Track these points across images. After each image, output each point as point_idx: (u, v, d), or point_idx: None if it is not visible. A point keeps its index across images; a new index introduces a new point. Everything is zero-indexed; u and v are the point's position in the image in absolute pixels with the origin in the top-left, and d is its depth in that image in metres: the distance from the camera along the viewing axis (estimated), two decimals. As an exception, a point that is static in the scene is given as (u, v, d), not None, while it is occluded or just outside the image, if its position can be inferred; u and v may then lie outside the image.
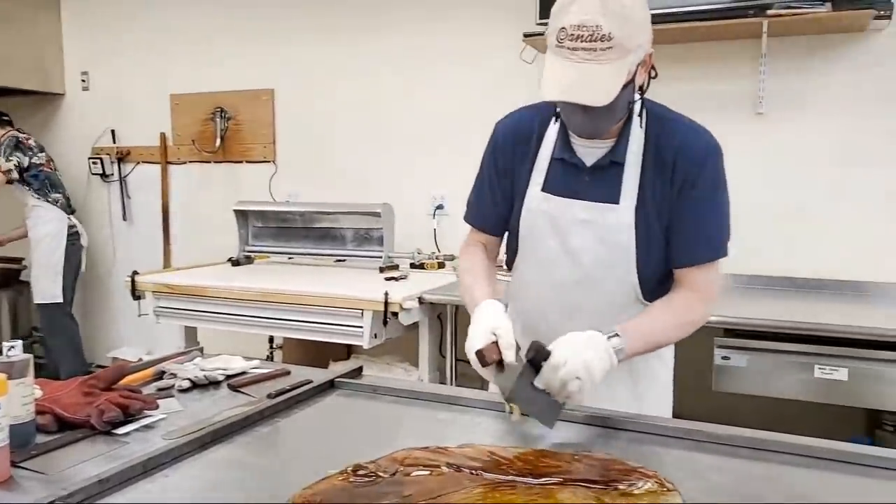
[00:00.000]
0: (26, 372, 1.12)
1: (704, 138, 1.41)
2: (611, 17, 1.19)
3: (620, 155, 1.39)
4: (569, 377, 1.18)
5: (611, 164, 1.40)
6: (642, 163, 1.39)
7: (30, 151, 4.12)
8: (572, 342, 1.23)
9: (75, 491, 0.95)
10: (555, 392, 1.21)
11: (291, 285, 2.98)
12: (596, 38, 1.19)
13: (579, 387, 1.19)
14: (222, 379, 1.56)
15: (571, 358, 1.19)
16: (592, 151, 1.41)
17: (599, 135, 1.37)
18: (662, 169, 1.38)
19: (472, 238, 1.63)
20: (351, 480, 1.02)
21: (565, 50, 1.22)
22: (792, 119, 2.97)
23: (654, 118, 1.42)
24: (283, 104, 4.07)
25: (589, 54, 1.20)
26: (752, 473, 1.09)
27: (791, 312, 2.45)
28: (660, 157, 1.38)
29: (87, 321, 4.57)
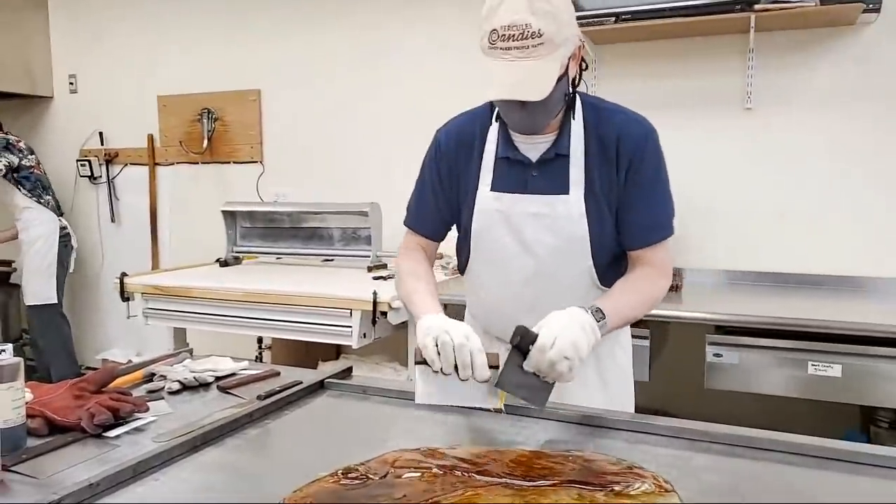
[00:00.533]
0: (17, 375, 1.13)
1: (641, 124, 1.45)
2: (539, 14, 1.23)
3: (564, 147, 1.43)
4: (558, 357, 1.19)
5: (556, 156, 1.44)
6: (585, 152, 1.43)
7: (20, 153, 4.11)
8: (557, 321, 1.24)
9: (66, 495, 0.95)
10: (544, 373, 1.22)
11: (280, 285, 2.98)
12: (527, 35, 1.24)
13: (569, 366, 1.21)
14: (212, 381, 1.57)
15: (559, 337, 1.20)
16: (535, 147, 1.45)
17: (539, 129, 1.42)
18: (605, 157, 1.43)
19: (411, 242, 1.65)
20: (342, 483, 1.02)
21: (498, 50, 1.26)
22: (781, 114, 2.98)
23: (590, 108, 1.46)
24: (270, 104, 4.06)
25: (521, 52, 1.25)
26: (746, 472, 1.09)
27: (783, 309, 2.45)
28: (601, 146, 1.43)
29: (77, 323, 4.55)
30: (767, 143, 3.00)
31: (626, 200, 1.44)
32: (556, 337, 1.21)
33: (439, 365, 1.23)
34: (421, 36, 3.62)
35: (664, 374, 2.63)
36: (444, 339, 1.24)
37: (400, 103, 3.68)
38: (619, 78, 3.20)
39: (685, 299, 2.71)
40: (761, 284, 2.98)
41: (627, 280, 1.46)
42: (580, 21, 2.81)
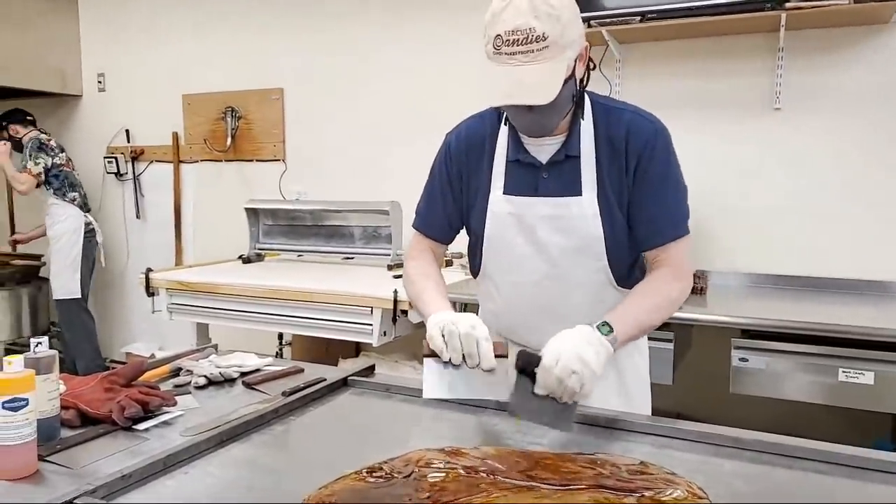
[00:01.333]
0: (52, 368, 1.15)
1: (650, 122, 1.44)
2: (542, 18, 1.23)
3: (574, 148, 1.42)
4: (565, 374, 1.19)
5: (566, 158, 1.43)
6: (596, 153, 1.43)
7: (52, 152, 4.21)
8: (560, 339, 1.24)
9: (100, 486, 0.97)
10: (556, 392, 1.21)
11: (302, 283, 3.00)
12: (531, 39, 1.24)
13: (579, 381, 1.19)
14: (237, 376, 1.59)
15: (563, 354, 1.20)
16: (545, 149, 1.45)
17: (548, 132, 1.41)
18: (615, 156, 1.42)
19: (419, 244, 1.65)
20: (367, 481, 1.03)
21: (503, 56, 1.27)
22: (810, 115, 2.92)
23: (600, 108, 1.45)
24: (293, 103, 4.10)
25: (527, 56, 1.25)
26: (777, 480, 1.07)
27: (812, 313, 2.41)
28: (611, 145, 1.42)
29: (101, 317, 4.62)
30: (796, 143, 2.95)
31: (636, 200, 1.43)
32: (560, 353, 1.20)
33: (447, 355, 1.25)
34: (445, 36, 3.62)
35: (688, 378, 2.61)
36: (451, 328, 1.25)
37: (422, 102, 3.69)
38: (644, 78, 3.18)
39: (710, 302, 2.69)
40: (788, 288, 2.93)
41: (641, 285, 1.45)
42: (605, 20, 2.85)
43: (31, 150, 4.12)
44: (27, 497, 0.99)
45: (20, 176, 4.07)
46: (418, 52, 3.70)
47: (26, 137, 4.23)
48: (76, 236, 4.20)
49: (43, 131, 4.33)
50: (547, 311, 1.38)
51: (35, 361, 1.12)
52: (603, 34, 2.95)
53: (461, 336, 1.24)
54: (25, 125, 4.28)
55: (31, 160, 4.09)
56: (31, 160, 4.09)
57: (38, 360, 1.12)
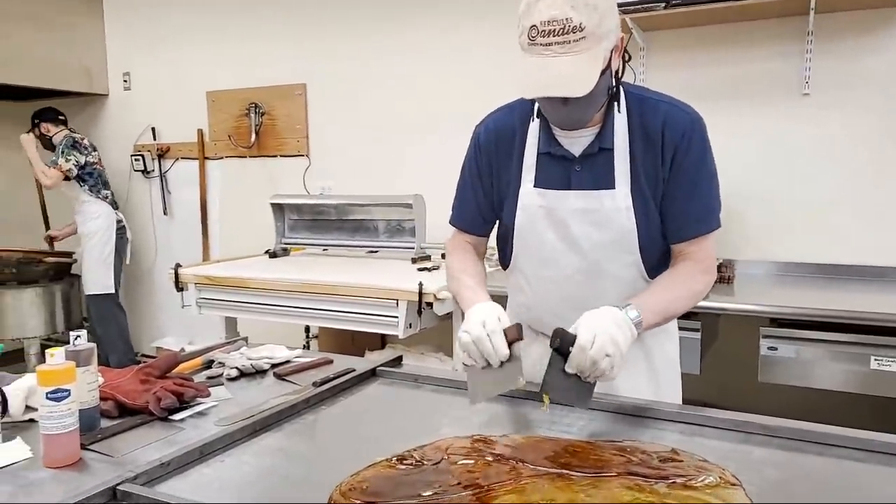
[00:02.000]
0: (91, 360, 1.18)
1: (686, 113, 1.42)
2: (580, 8, 1.22)
3: (608, 140, 1.41)
4: (599, 355, 1.20)
5: (599, 150, 1.42)
6: (630, 145, 1.41)
7: (84, 150, 4.27)
8: (594, 320, 1.24)
9: (140, 473, 1.00)
10: (587, 372, 1.22)
11: (328, 276, 3.03)
12: (568, 30, 1.22)
13: (610, 364, 1.21)
14: (268, 368, 1.62)
15: (599, 335, 1.21)
16: (578, 141, 1.43)
17: (583, 125, 1.40)
18: (650, 148, 1.40)
19: (458, 240, 1.65)
20: (397, 468, 1.05)
21: (539, 47, 1.25)
22: (840, 100, 2.87)
23: (634, 99, 1.44)
24: (315, 99, 4.12)
25: (563, 47, 1.23)
26: (809, 467, 1.07)
27: (842, 301, 2.38)
28: (646, 137, 1.41)
29: (130, 313, 4.69)
30: (826, 129, 2.90)
31: (670, 192, 1.41)
32: (596, 335, 1.21)
33: (471, 362, 1.28)
34: (467, 28, 3.62)
35: (716, 367, 2.60)
36: (464, 339, 1.29)
37: (444, 95, 3.69)
38: (668, 66, 3.15)
39: (737, 291, 2.66)
40: (817, 276, 2.89)
41: (667, 274, 1.45)
42: (628, 7, 2.83)
43: (64, 147, 4.18)
44: (73, 484, 1.02)
45: (48, 170, 4.13)
46: (442, 44, 3.70)
47: (58, 136, 4.29)
48: (109, 233, 4.28)
49: (73, 131, 4.40)
50: (579, 304, 1.38)
51: (75, 354, 1.15)
52: (626, 21, 2.93)
53: (473, 341, 1.27)
54: (56, 124, 4.35)
55: (62, 157, 4.15)
56: (62, 157, 4.15)
57: (78, 352, 1.16)
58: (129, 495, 0.95)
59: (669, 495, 0.94)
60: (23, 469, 1.08)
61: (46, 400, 1.06)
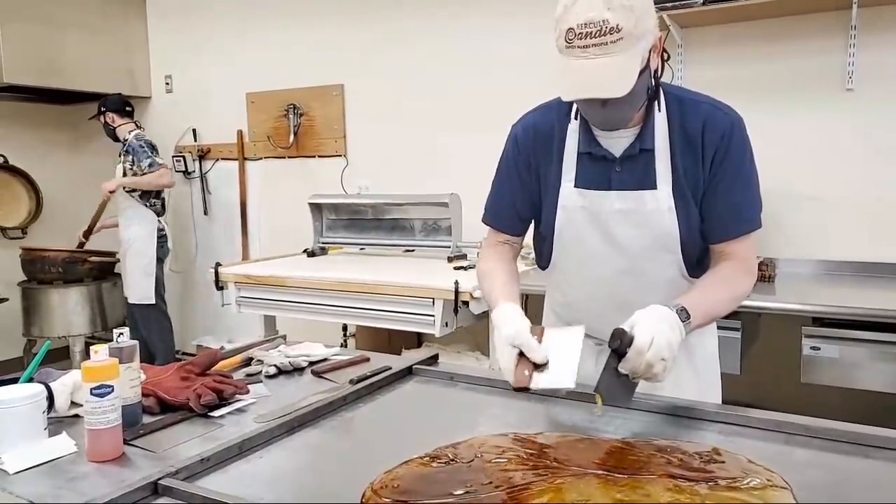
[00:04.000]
0: (133, 357, 1.21)
1: (727, 114, 1.40)
2: (616, 9, 1.20)
3: (648, 141, 1.40)
4: (655, 359, 1.18)
5: (640, 151, 1.40)
6: (670, 146, 1.40)
7: (157, 153, 4.23)
8: (652, 322, 1.22)
9: (181, 468, 1.03)
10: (640, 374, 1.20)
11: (365, 275, 3.05)
12: (605, 31, 1.21)
13: (664, 367, 1.19)
14: (306, 365, 1.64)
15: (657, 338, 1.19)
16: (618, 142, 1.42)
17: (623, 125, 1.38)
18: (691, 149, 1.39)
19: (492, 239, 1.64)
20: (430, 465, 1.05)
21: (576, 49, 1.23)
22: (885, 95, 2.80)
23: (674, 100, 1.42)
24: (353, 99, 4.15)
25: (600, 49, 1.22)
26: (854, 469, 1.05)
27: (885, 300, 2.32)
28: (686, 138, 1.39)
29: (171, 311, 4.78)
30: (869, 125, 2.83)
31: (711, 192, 1.40)
32: (654, 337, 1.19)
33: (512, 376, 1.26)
34: (504, 28, 3.61)
35: (756, 368, 2.55)
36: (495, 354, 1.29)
37: (481, 94, 3.69)
38: (707, 62, 3.10)
39: (779, 290, 2.61)
40: (859, 275, 2.83)
41: (712, 275, 1.42)
42: (666, 4, 2.79)
43: (147, 149, 4.14)
44: (115, 477, 1.04)
45: (155, 172, 4.09)
46: (479, 43, 3.69)
47: (123, 129, 4.24)
48: (150, 240, 4.23)
49: (139, 125, 4.36)
50: (620, 305, 1.36)
51: (118, 351, 1.18)
52: (664, 18, 2.89)
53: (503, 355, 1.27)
54: (122, 115, 4.29)
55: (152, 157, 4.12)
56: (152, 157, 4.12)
57: (121, 349, 1.19)
58: (171, 490, 0.97)
59: (710, 496, 0.92)
60: (68, 463, 1.11)
61: (91, 396, 1.08)
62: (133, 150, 4.17)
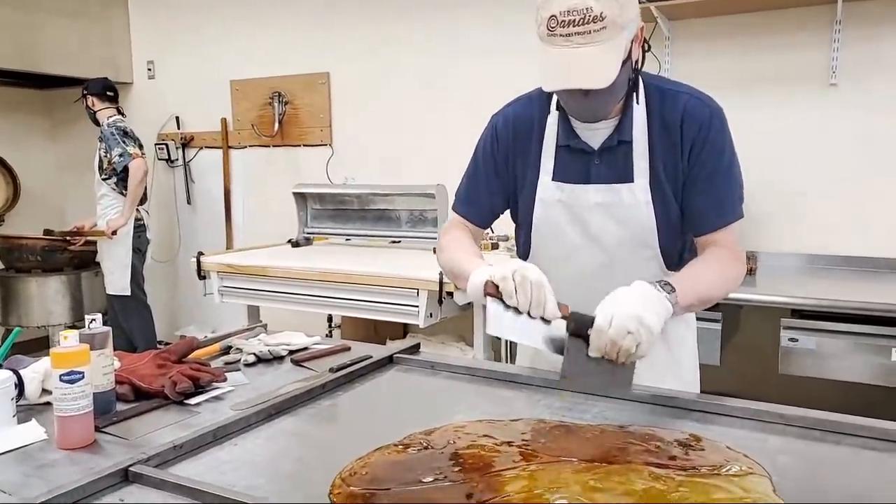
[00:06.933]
0: (106, 343, 1.19)
1: (706, 104, 1.40)
2: None
3: (627, 133, 1.39)
4: (619, 335, 1.15)
5: (619, 143, 1.39)
6: (649, 137, 1.39)
7: (133, 143, 4.09)
8: (614, 299, 1.19)
9: (153, 455, 1.01)
10: (610, 355, 1.17)
11: (350, 265, 3.04)
12: (588, 20, 1.19)
13: (634, 340, 1.15)
14: (285, 354, 1.62)
15: (617, 314, 1.16)
16: (597, 134, 1.41)
17: (603, 116, 1.38)
18: (670, 140, 1.38)
19: (457, 222, 1.61)
20: (404, 453, 1.04)
21: (558, 38, 1.22)
22: (868, 90, 2.82)
23: (654, 91, 1.41)
24: (339, 88, 4.13)
25: (584, 38, 1.20)
26: (823, 456, 1.05)
27: (865, 293, 2.36)
28: (665, 129, 1.38)
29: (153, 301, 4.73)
30: (852, 120, 2.86)
31: (691, 184, 1.39)
32: (613, 315, 1.16)
33: (516, 300, 1.21)
34: (490, 18, 3.59)
35: (735, 359, 2.57)
36: (524, 274, 1.21)
37: (467, 86, 3.68)
38: (694, 55, 3.10)
39: (759, 283, 2.64)
40: (840, 268, 2.87)
41: (702, 259, 1.41)
42: (654, -3, 2.79)
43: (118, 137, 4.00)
44: (86, 464, 1.03)
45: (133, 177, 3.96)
46: (466, 33, 3.68)
47: (103, 114, 4.14)
48: (126, 230, 4.09)
49: (120, 111, 4.25)
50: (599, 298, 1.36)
51: (90, 337, 1.16)
52: (651, 10, 2.89)
53: (532, 282, 1.21)
54: (103, 100, 4.17)
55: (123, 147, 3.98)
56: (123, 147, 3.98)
57: (93, 335, 1.16)
58: (141, 477, 0.96)
59: (685, 483, 0.92)
60: (38, 450, 1.09)
61: (60, 382, 1.06)
62: (105, 138, 4.06)
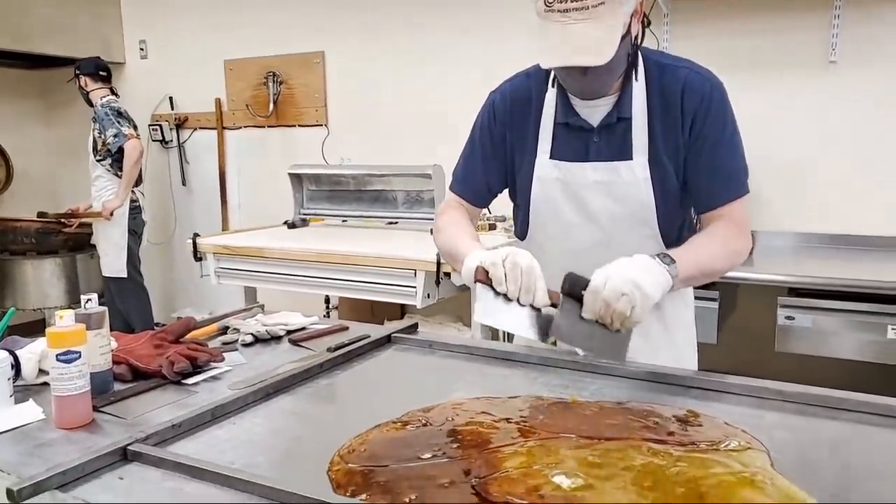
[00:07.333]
0: (103, 323, 1.18)
1: (706, 77, 1.38)
2: None
3: (626, 109, 1.37)
4: (613, 297, 1.13)
5: (618, 120, 1.38)
6: (649, 113, 1.37)
7: (128, 123, 4.06)
8: (613, 264, 1.19)
9: (151, 434, 1.01)
10: (604, 317, 1.16)
11: (347, 246, 3.03)
12: None
13: (629, 303, 1.14)
14: (283, 334, 1.62)
15: (613, 275, 1.15)
16: (596, 111, 1.39)
17: (602, 93, 1.36)
18: (670, 116, 1.36)
19: (454, 202, 1.59)
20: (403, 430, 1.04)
21: (556, 13, 1.20)
22: (868, 68, 2.80)
23: (654, 66, 1.39)
24: (334, 67, 4.09)
25: (581, 13, 1.18)
26: (820, 431, 1.06)
27: (862, 271, 2.36)
28: (665, 105, 1.37)
29: (150, 283, 4.72)
30: (851, 98, 2.84)
31: (694, 159, 1.38)
32: (608, 276, 1.15)
33: (505, 287, 1.19)
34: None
35: (732, 337, 2.58)
36: (514, 260, 1.20)
37: (464, 64, 3.64)
38: (693, 33, 3.08)
39: (756, 261, 2.64)
40: (837, 247, 2.86)
41: (706, 233, 1.39)
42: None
43: (112, 117, 3.97)
44: (84, 444, 1.03)
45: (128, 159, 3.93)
46: (462, 13, 3.64)
47: (96, 94, 4.10)
48: (122, 212, 4.08)
49: (114, 91, 4.21)
50: None
51: (86, 317, 1.15)
52: (650, -13, 2.87)
53: (523, 269, 1.19)
54: (95, 80, 4.13)
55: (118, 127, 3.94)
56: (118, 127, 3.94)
57: (89, 315, 1.16)
58: (140, 455, 0.96)
59: (683, 458, 0.92)
60: (36, 430, 1.09)
61: (57, 362, 1.06)
62: (99, 118, 4.03)
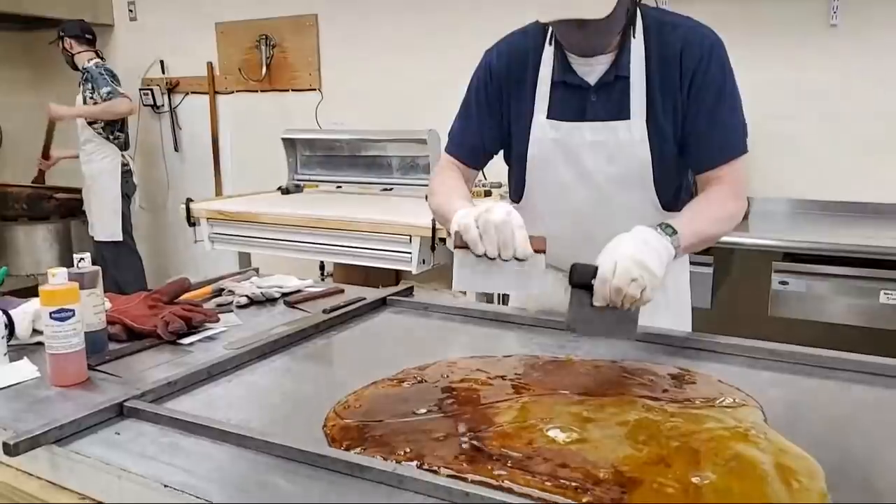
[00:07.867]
0: (96, 283, 1.18)
1: (705, 35, 1.36)
2: None
3: (624, 68, 1.35)
4: (624, 282, 1.12)
5: (616, 78, 1.36)
6: (647, 72, 1.35)
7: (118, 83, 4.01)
8: (616, 247, 1.17)
9: (147, 391, 1.01)
10: (616, 303, 1.15)
11: (342, 212, 3.01)
12: None
13: (639, 287, 1.12)
14: (278, 296, 1.62)
15: (620, 261, 1.13)
16: (594, 69, 1.37)
17: (600, 51, 1.34)
18: (668, 74, 1.34)
19: (449, 163, 1.57)
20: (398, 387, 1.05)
21: None
22: (869, 31, 2.76)
23: (653, 23, 1.37)
24: (328, 30, 4.02)
25: None
26: (811, 388, 1.08)
27: (856, 237, 2.36)
28: (664, 62, 1.35)
29: (144, 250, 4.69)
30: (852, 62, 2.80)
31: (692, 118, 1.36)
32: (616, 261, 1.14)
33: (482, 248, 1.16)
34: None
35: (727, 302, 2.59)
36: (486, 217, 1.16)
37: (459, 27, 3.59)
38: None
39: (752, 227, 2.64)
40: (834, 214, 2.85)
41: (701, 199, 1.39)
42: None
43: (107, 76, 3.92)
44: (80, 400, 1.03)
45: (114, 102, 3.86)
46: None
47: (82, 57, 4.02)
48: (113, 175, 4.04)
49: (100, 54, 4.13)
50: (593, 239, 1.33)
51: (79, 276, 1.14)
52: (647, -53, 2.81)
53: (496, 225, 1.15)
54: (81, 42, 4.04)
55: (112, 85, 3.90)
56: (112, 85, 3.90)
57: (82, 275, 1.15)
58: (136, 412, 0.96)
59: (678, 414, 0.93)
60: (31, 388, 1.09)
61: (50, 320, 1.05)
62: (92, 77, 3.95)
